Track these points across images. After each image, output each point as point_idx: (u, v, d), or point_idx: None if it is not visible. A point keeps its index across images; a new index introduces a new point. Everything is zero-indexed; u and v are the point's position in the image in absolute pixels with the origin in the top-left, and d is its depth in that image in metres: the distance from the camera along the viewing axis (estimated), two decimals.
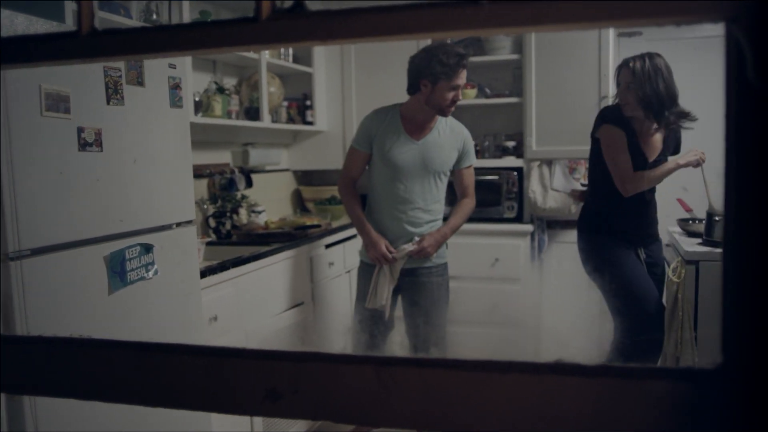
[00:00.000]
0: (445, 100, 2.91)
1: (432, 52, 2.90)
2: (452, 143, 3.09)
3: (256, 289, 3.00)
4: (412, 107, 3.01)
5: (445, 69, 2.86)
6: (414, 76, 2.94)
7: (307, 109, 4.45)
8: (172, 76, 2.19)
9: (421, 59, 2.91)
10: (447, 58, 2.86)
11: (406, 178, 3.02)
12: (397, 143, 2.99)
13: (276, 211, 4.34)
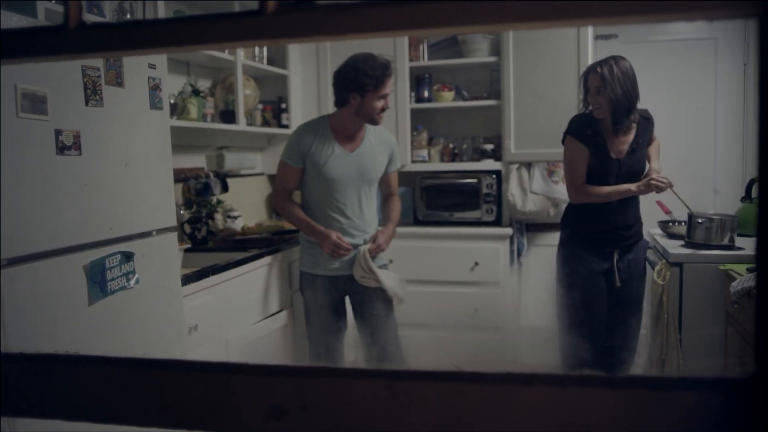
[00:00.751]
0: (374, 110, 2.94)
1: (357, 64, 2.93)
2: (382, 150, 3.13)
3: (236, 297, 2.91)
4: (342, 119, 3.02)
5: (372, 80, 2.89)
6: (341, 89, 2.96)
7: (283, 112, 4.37)
8: (152, 77, 2.11)
9: (347, 72, 2.94)
10: (373, 70, 2.89)
11: (343, 190, 3.03)
12: (332, 157, 3.00)
13: (251, 216, 4.25)
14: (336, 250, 2.95)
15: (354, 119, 2.99)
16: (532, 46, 4.10)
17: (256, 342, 3.04)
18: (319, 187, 3.02)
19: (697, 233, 3.07)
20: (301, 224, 3.04)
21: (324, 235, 2.96)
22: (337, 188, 3.01)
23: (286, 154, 3.06)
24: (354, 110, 2.96)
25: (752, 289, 2.34)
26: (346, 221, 3.04)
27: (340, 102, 2.99)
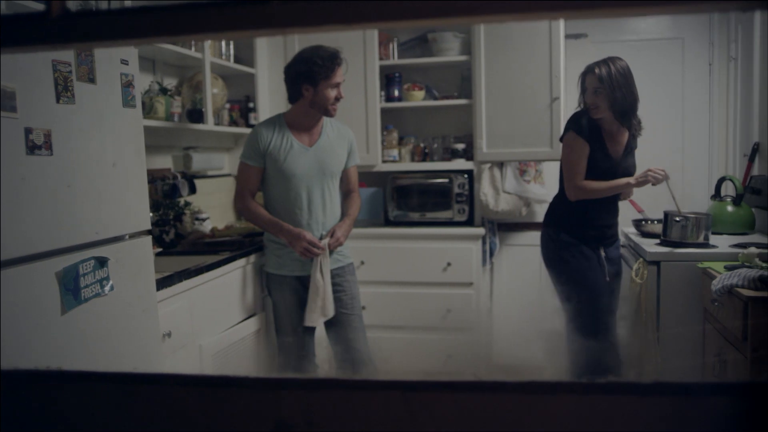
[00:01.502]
0: (328, 100, 2.96)
1: (306, 56, 2.97)
2: (341, 144, 3.15)
3: (209, 302, 2.82)
4: (297, 114, 3.03)
5: (323, 69, 2.91)
6: (293, 83, 2.98)
7: (250, 111, 4.27)
8: (124, 73, 2.01)
9: (297, 65, 2.96)
10: (322, 60, 2.92)
11: (305, 187, 3.02)
12: (291, 153, 3.00)
13: (219, 218, 4.15)
14: (309, 248, 2.92)
15: (309, 112, 2.99)
16: (503, 45, 4.08)
17: (229, 347, 2.94)
18: (280, 184, 3.00)
19: (673, 231, 3.08)
20: (267, 225, 3.01)
21: (295, 234, 2.94)
22: (299, 184, 3.00)
23: (245, 154, 3.04)
24: (308, 102, 2.96)
25: (733, 287, 2.35)
26: (309, 218, 3.02)
27: (294, 96, 3.00)
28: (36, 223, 1.66)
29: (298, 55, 3.02)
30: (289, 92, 3.03)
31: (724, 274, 2.46)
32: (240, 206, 3.08)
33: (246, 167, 3.03)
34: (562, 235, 3.05)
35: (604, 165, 3.01)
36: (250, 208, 3.04)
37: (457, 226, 4.25)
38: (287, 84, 3.03)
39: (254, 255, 3.26)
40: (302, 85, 2.94)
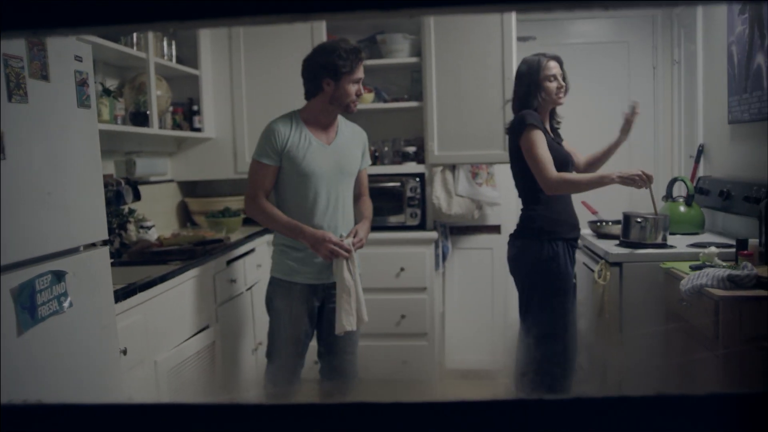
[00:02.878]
0: (349, 96, 2.88)
1: (328, 49, 2.86)
2: (356, 143, 3.09)
3: (163, 315, 2.66)
4: (315, 110, 2.92)
5: (346, 63, 2.82)
6: (314, 77, 2.87)
7: (195, 114, 4.10)
8: (78, 71, 1.85)
9: (319, 58, 2.85)
10: (346, 53, 2.82)
11: (324, 187, 2.90)
12: (310, 150, 2.88)
13: (163, 225, 3.96)
14: (336, 250, 2.79)
15: (328, 108, 2.90)
16: (454, 47, 4.05)
17: (185, 363, 2.79)
18: (298, 184, 2.87)
19: (632, 232, 3.09)
20: (286, 228, 2.85)
21: (319, 237, 2.79)
22: (319, 183, 2.88)
23: (261, 152, 2.88)
24: (328, 98, 2.86)
25: (703, 287, 2.36)
26: (328, 220, 2.90)
27: (313, 91, 2.89)
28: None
29: (320, 48, 2.91)
30: (307, 87, 2.91)
31: (692, 275, 2.47)
32: (253, 207, 2.90)
33: (261, 166, 2.87)
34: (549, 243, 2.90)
35: (567, 158, 3.00)
36: (266, 209, 2.87)
37: (410, 230, 4.18)
38: (306, 77, 2.90)
39: (206, 264, 3.11)
40: (323, 80, 2.83)
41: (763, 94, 3.07)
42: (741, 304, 2.23)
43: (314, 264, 2.89)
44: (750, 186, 3.07)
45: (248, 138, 4.23)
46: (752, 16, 3.17)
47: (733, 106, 3.40)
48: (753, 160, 3.24)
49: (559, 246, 2.92)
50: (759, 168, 3.15)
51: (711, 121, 3.78)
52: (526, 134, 2.90)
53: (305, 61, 2.91)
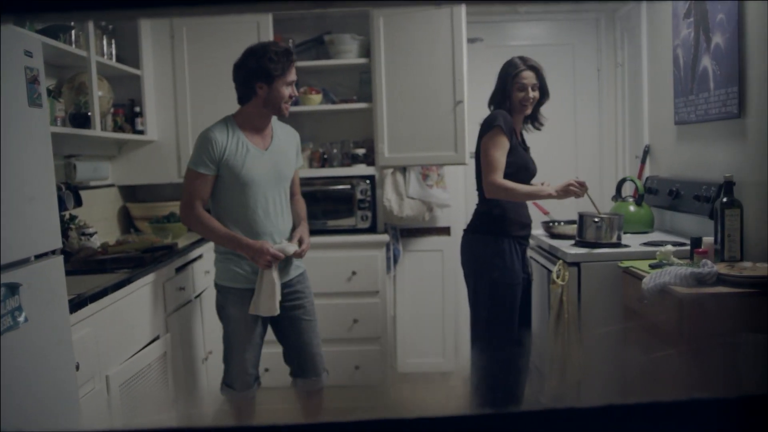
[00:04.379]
0: (282, 98, 2.85)
1: (259, 53, 2.82)
2: (291, 145, 3.06)
3: (113, 326, 2.52)
4: (250, 114, 2.89)
5: (278, 66, 2.80)
6: (246, 81, 2.84)
7: (137, 116, 3.94)
8: (29, 67, 1.72)
9: (250, 62, 2.82)
10: (277, 56, 2.80)
11: (263, 192, 2.88)
12: (248, 158, 2.85)
13: (105, 232, 3.78)
14: (272, 261, 2.79)
15: (262, 112, 2.87)
16: (404, 48, 4.01)
17: (137, 376, 2.65)
18: (237, 192, 2.82)
19: (588, 232, 3.12)
20: (224, 239, 2.81)
21: (257, 248, 2.77)
22: (258, 190, 2.85)
23: (197, 161, 2.81)
24: (262, 101, 2.84)
25: (666, 284, 2.38)
26: (269, 225, 2.88)
27: (246, 96, 2.86)
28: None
29: (249, 51, 2.85)
30: (240, 91, 2.88)
31: (654, 273, 2.50)
32: (190, 217, 2.83)
33: (197, 175, 2.81)
34: (498, 238, 3.00)
35: (529, 164, 3.09)
36: (203, 220, 2.81)
37: (361, 233, 4.13)
38: (238, 82, 2.88)
39: (156, 272, 2.97)
40: (256, 83, 2.81)
41: (709, 96, 3.15)
42: (704, 301, 2.27)
43: (256, 269, 2.86)
44: (699, 185, 3.14)
45: (192, 140, 4.07)
46: (697, 20, 3.25)
47: (679, 107, 3.47)
48: (700, 160, 3.31)
49: (505, 242, 3.01)
50: (706, 168, 3.22)
51: (656, 122, 3.86)
52: (490, 134, 2.99)
53: (237, 66, 2.88)
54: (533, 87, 3.07)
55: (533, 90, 3.06)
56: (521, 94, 3.06)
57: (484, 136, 3.01)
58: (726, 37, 2.98)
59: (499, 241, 3.00)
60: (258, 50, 2.83)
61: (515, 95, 3.05)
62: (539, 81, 3.12)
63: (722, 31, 3.01)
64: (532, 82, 3.08)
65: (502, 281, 2.99)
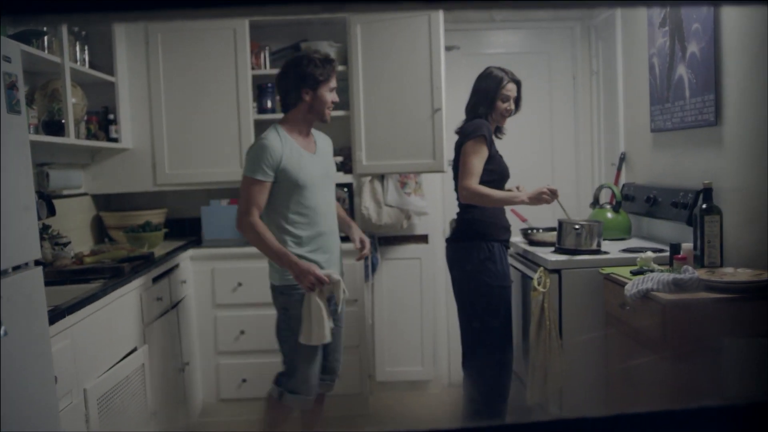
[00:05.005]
0: (326, 104, 2.97)
1: (303, 61, 2.93)
2: (330, 150, 3.22)
3: (92, 338, 2.47)
4: (296, 121, 2.99)
5: (323, 71, 2.92)
6: (293, 88, 2.94)
7: (111, 123, 3.87)
8: (8, 72, 1.68)
9: (296, 69, 2.92)
10: (321, 63, 2.92)
11: (319, 194, 2.98)
12: (302, 161, 2.93)
13: (78, 242, 3.70)
14: (316, 284, 2.84)
15: (306, 118, 2.98)
16: (382, 55, 4.01)
17: (115, 389, 2.60)
18: (295, 196, 2.90)
19: (568, 239, 3.13)
20: (275, 253, 2.85)
21: (303, 269, 2.82)
22: (314, 192, 2.94)
23: (255, 169, 2.86)
24: (307, 107, 2.94)
25: (649, 291, 2.40)
26: (326, 226, 3.01)
27: (292, 102, 2.96)
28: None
29: (294, 60, 2.97)
30: (286, 99, 3.00)
31: (636, 279, 2.51)
32: (246, 224, 2.87)
33: (257, 183, 2.86)
34: (487, 243, 3.05)
35: (507, 171, 3.17)
36: (259, 229, 2.85)
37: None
38: (284, 90, 2.99)
39: (133, 282, 2.92)
40: (302, 90, 2.91)
41: (685, 104, 3.19)
42: (687, 307, 2.29)
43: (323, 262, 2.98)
44: (676, 192, 3.17)
45: (168, 148, 4.04)
46: (672, 30, 3.29)
47: (655, 115, 3.51)
48: (676, 168, 3.35)
49: (495, 247, 3.07)
50: (682, 175, 3.26)
51: (632, 129, 3.90)
52: (472, 142, 3.04)
53: (282, 75, 2.97)
54: (514, 99, 3.18)
55: (513, 102, 3.18)
56: (504, 105, 3.16)
57: (465, 143, 3.05)
58: (701, 46, 3.02)
59: (489, 245, 3.05)
60: (302, 58, 2.94)
61: (499, 106, 3.14)
62: (518, 94, 3.23)
63: (698, 41, 3.05)
64: (514, 95, 3.19)
65: (497, 285, 3.04)
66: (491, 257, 3.03)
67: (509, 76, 3.18)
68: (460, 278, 3.11)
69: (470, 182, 3.01)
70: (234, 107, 4.05)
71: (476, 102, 3.17)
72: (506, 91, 3.15)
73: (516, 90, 3.19)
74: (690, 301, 2.30)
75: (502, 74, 3.16)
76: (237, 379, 3.95)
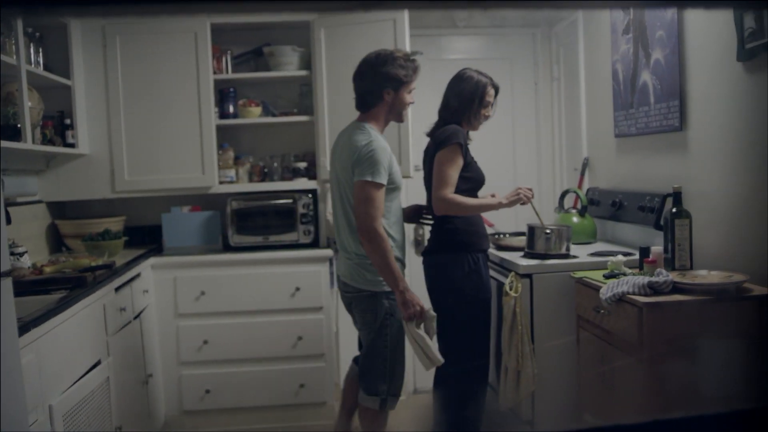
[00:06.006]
0: (405, 105, 2.92)
1: (389, 60, 2.84)
2: None
3: (56, 352, 2.36)
4: (378, 121, 2.93)
5: (408, 72, 2.86)
6: (377, 87, 2.85)
7: (67, 128, 3.74)
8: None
9: (380, 68, 2.84)
10: (404, 62, 2.86)
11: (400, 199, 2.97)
12: (395, 164, 2.88)
13: (32, 251, 3.55)
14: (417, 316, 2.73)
15: (386, 118, 2.93)
16: (346, 60, 3.95)
17: (81, 405, 2.49)
18: (395, 200, 2.88)
19: (538, 244, 3.14)
20: (390, 272, 2.71)
21: (414, 301, 2.71)
22: (400, 195, 2.94)
23: (379, 172, 2.73)
24: (387, 107, 2.88)
25: (625, 294, 2.42)
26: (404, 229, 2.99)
27: (371, 102, 2.88)
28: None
29: (378, 59, 2.86)
30: (365, 98, 2.90)
31: (611, 283, 2.53)
32: (375, 234, 2.70)
33: (380, 187, 2.74)
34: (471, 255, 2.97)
35: (477, 176, 3.09)
36: (384, 242, 2.71)
37: (304, 248, 4.05)
38: (364, 88, 2.88)
39: (96, 292, 2.81)
40: (384, 90, 2.84)
41: (650, 110, 3.24)
42: (663, 309, 2.31)
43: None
44: (642, 196, 3.22)
45: (127, 154, 3.93)
46: (636, 36, 3.35)
47: (619, 120, 3.56)
48: (640, 172, 3.41)
49: (479, 258, 3.01)
50: (647, 179, 3.31)
51: (595, 135, 3.95)
52: (448, 149, 2.96)
53: (363, 73, 2.89)
54: (491, 105, 3.17)
55: (490, 107, 3.16)
56: (485, 110, 3.13)
57: (439, 151, 2.96)
58: (666, 53, 3.07)
59: (474, 257, 2.97)
60: (386, 57, 2.84)
61: (479, 113, 3.10)
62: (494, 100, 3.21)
63: (662, 47, 3.10)
64: (492, 100, 3.17)
65: (482, 297, 2.98)
66: (477, 269, 2.95)
67: (491, 82, 3.13)
68: (445, 291, 2.98)
69: (445, 192, 2.91)
70: (195, 112, 3.96)
71: (459, 106, 3.07)
72: (489, 97, 3.11)
73: (494, 96, 3.16)
74: (666, 303, 2.32)
75: (485, 79, 3.10)
76: (200, 391, 3.86)
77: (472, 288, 2.94)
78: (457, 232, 2.98)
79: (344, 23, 3.97)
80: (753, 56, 2.51)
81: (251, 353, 3.90)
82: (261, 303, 3.91)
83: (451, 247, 2.99)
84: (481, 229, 3.06)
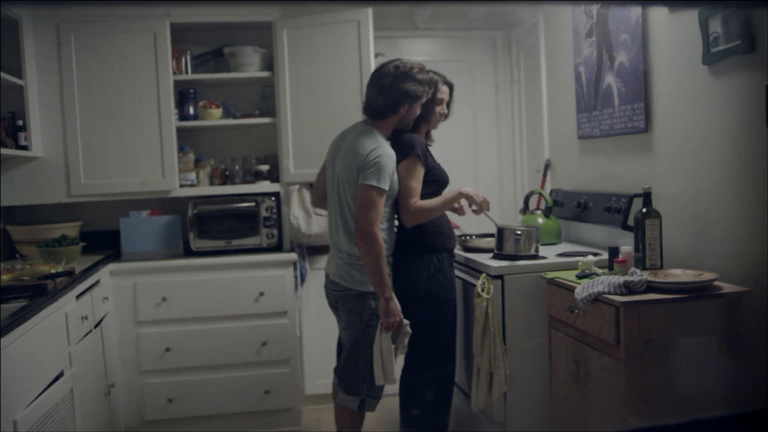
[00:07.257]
0: (415, 117, 2.98)
1: (405, 75, 2.86)
2: None
3: (19, 363, 2.26)
4: (386, 129, 2.95)
5: (424, 87, 2.91)
6: (397, 100, 2.87)
7: (19, 130, 3.60)
8: None
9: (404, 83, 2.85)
10: (421, 76, 2.89)
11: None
12: (395, 171, 2.91)
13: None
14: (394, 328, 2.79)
15: (392, 129, 2.98)
16: (309, 61, 3.93)
17: (46, 418, 2.39)
18: (391, 207, 2.92)
19: (507, 245, 3.16)
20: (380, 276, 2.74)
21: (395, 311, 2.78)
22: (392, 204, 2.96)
23: (384, 178, 2.76)
24: (399, 119, 2.93)
25: (600, 293, 2.44)
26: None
27: (388, 113, 2.89)
28: None
29: (398, 71, 2.87)
30: (383, 108, 2.88)
31: (586, 283, 2.55)
32: (372, 238, 2.72)
33: (382, 193, 2.77)
34: (437, 255, 2.98)
35: (442, 178, 3.09)
36: (380, 246, 2.74)
37: (267, 252, 3.99)
38: (385, 100, 2.86)
39: (58, 300, 2.70)
40: (401, 104, 2.88)
41: (614, 112, 3.29)
42: (639, 308, 2.34)
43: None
44: (608, 197, 3.26)
45: (83, 157, 3.80)
46: (600, 40, 3.40)
47: (582, 122, 3.61)
48: (605, 173, 3.46)
49: (444, 257, 3.02)
50: (612, 180, 3.36)
51: (557, 137, 3.99)
52: (407, 162, 2.93)
53: (382, 86, 2.87)
54: (447, 103, 3.15)
55: (446, 106, 3.14)
56: (439, 108, 3.12)
57: (399, 164, 2.92)
58: (630, 56, 3.13)
59: (439, 257, 2.98)
60: (406, 71, 2.86)
61: (435, 110, 3.09)
62: (450, 98, 3.19)
63: (626, 50, 3.16)
64: (447, 98, 3.15)
65: (447, 297, 2.98)
66: (441, 269, 2.96)
67: (441, 78, 3.11)
68: (410, 292, 2.94)
69: (410, 203, 2.90)
70: (155, 114, 3.86)
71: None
72: (441, 94, 3.09)
73: (449, 93, 3.14)
74: (642, 302, 2.35)
75: (436, 77, 3.07)
76: (163, 400, 3.76)
77: (437, 288, 2.95)
78: (422, 234, 2.98)
79: (307, 24, 3.93)
80: (718, 60, 2.57)
81: (215, 360, 3.81)
82: (224, 308, 3.83)
83: (417, 248, 2.98)
84: (446, 230, 3.06)
